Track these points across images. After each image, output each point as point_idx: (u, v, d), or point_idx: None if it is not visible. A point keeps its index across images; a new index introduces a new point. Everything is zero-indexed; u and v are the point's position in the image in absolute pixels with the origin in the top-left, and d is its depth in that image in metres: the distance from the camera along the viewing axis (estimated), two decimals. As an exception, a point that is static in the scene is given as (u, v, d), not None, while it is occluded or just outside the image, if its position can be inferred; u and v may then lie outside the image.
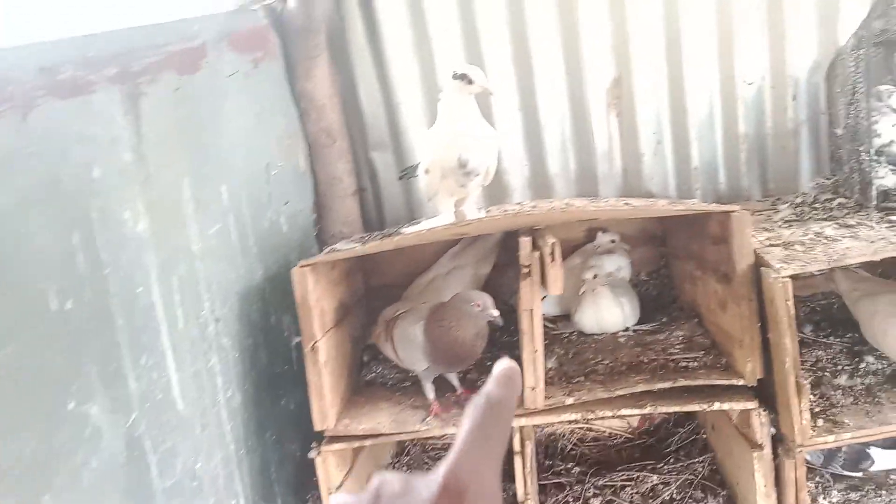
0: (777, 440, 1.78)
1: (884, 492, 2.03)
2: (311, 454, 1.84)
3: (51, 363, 1.19)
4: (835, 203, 2.04)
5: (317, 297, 1.82)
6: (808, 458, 2.01)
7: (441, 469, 0.44)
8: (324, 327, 1.88)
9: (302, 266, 1.77)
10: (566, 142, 2.51)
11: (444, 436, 2.20)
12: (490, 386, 0.48)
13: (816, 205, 2.08)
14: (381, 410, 1.95)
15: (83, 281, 1.27)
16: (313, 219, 2.38)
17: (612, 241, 2.36)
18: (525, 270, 1.77)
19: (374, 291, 2.49)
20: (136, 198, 1.43)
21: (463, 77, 1.82)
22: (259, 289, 1.93)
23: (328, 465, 1.87)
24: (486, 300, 1.77)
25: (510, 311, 2.07)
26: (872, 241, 1.69)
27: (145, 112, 1.46)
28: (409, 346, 1.88)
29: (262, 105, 2.06)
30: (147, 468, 1.41)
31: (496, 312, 1.76)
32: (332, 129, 2.37)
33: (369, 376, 2.19)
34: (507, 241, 2.27)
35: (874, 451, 1.98)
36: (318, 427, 1.83)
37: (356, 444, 1.88)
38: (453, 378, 1.99)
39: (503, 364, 0.50)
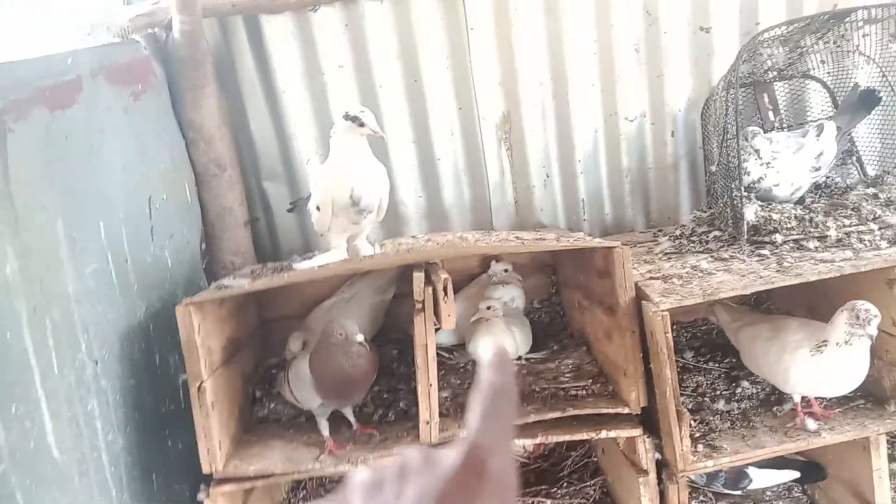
0: (661, 464, 1.86)
1: (760, 508, 2.16)
2: (200, 496, 1.80)
3: None
4: (711, 235, 2.14)
5: (203, 336, 1.76)
6: (693, 478, 2.10)
7: (460, 443, 0.46)
8: (211, 366, 1.82)
9: (186, 305, 1.71)
10: (460, 174, 2.55)
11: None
12: (487, 373, 0.50)
13: (694, 237, 2.18)
14: (273, 449, 1.91)
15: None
16: (202, 251, 2.31)
17: (506, 271, 2.42)
18: (418, 306, 1.77)
19: (269, 324, 2.44)
20: (3, 241, 1.35)
21: (354, 119, 1.83)
22: (142, 327, 1.85)
23: (218, 507, 1.81)
24: (348, 328, 1.76)
25: (409, 341, 2.06)
26: (743, 276, 1.79)
27: (13, 150, 1.38)
28: (301, 385, 1.86)
29: (144, 138, 1.98)
30: (19, 524, 1.32)
31: (359, 338, 1.75)
32: (221, 159, 2.31)
33: (262, 413, 2.14)
34: (406, 272, 2.27)
35: (752, 471, 2.10)
36: (205, 470, 1.79)
37: (247, 485, 1.83)
38: (349, 413, 1.97)
39: (488, 348, 0.52)
